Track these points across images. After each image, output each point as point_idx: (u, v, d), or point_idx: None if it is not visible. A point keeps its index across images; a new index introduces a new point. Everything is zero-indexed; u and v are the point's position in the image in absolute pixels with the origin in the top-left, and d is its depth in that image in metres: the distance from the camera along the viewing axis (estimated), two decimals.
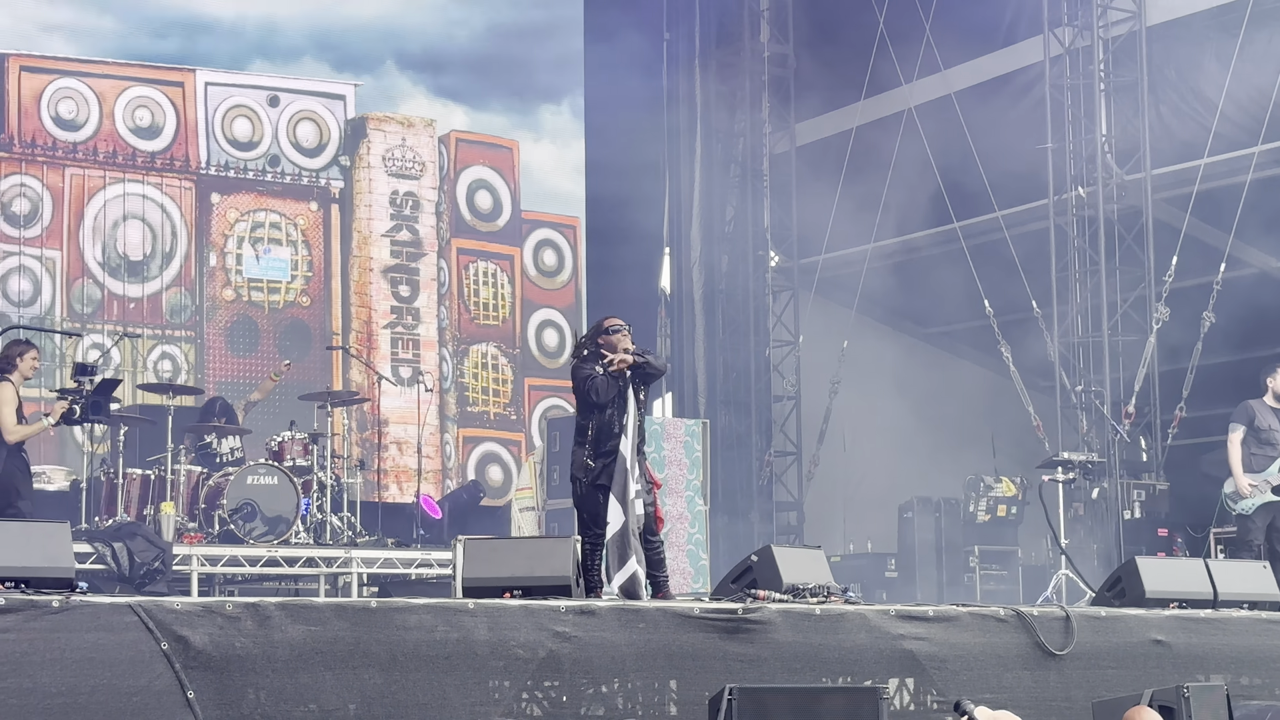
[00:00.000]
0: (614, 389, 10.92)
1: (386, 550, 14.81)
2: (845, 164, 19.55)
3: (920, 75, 19.12)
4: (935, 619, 9.74)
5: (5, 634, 7.49)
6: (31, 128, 17.37)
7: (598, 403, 10.96)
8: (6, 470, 11.97)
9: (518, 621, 8.75)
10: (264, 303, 18.45)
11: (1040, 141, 18.14)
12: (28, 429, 12.19)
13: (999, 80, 19.07)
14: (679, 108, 21.29)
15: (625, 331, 11.09)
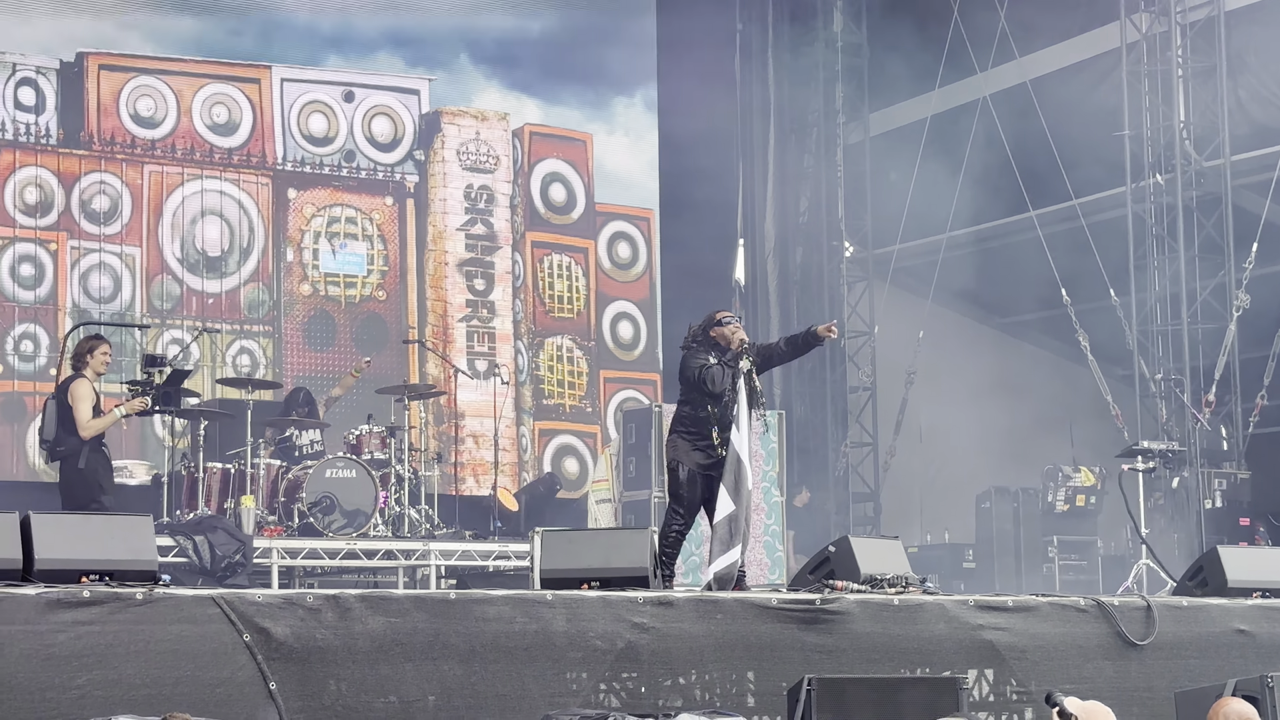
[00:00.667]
0: (728, 379, 10.95)
1: (464, 543, 14.86)
2: (920, 153, 19.46)
3: (995, 63, 19.01)
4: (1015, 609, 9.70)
5: (90, 626, 7.57)
6: (111, 126, 17.53)
7: (712, 392, 10.97)
8: (89, 465, 12.09)
9: (596, 613, 8.76)
10: (340, 297, 18.56)
11: (1118, 128, 18.00)
12: (101, 422, 12.31)
13: (1075, 67, 18.95)
14: (752, 98, 21.26)
15: (737, 323, 11.18)
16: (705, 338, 11.26)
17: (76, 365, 12.36)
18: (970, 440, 19.36)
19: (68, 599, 7.58)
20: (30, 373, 16.81)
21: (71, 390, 12.16)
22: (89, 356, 12.34)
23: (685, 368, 11.26)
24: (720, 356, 11.07)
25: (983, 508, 18.78)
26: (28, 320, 16.87)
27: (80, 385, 12.17)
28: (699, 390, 11.09)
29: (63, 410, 12.19)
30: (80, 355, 12.38)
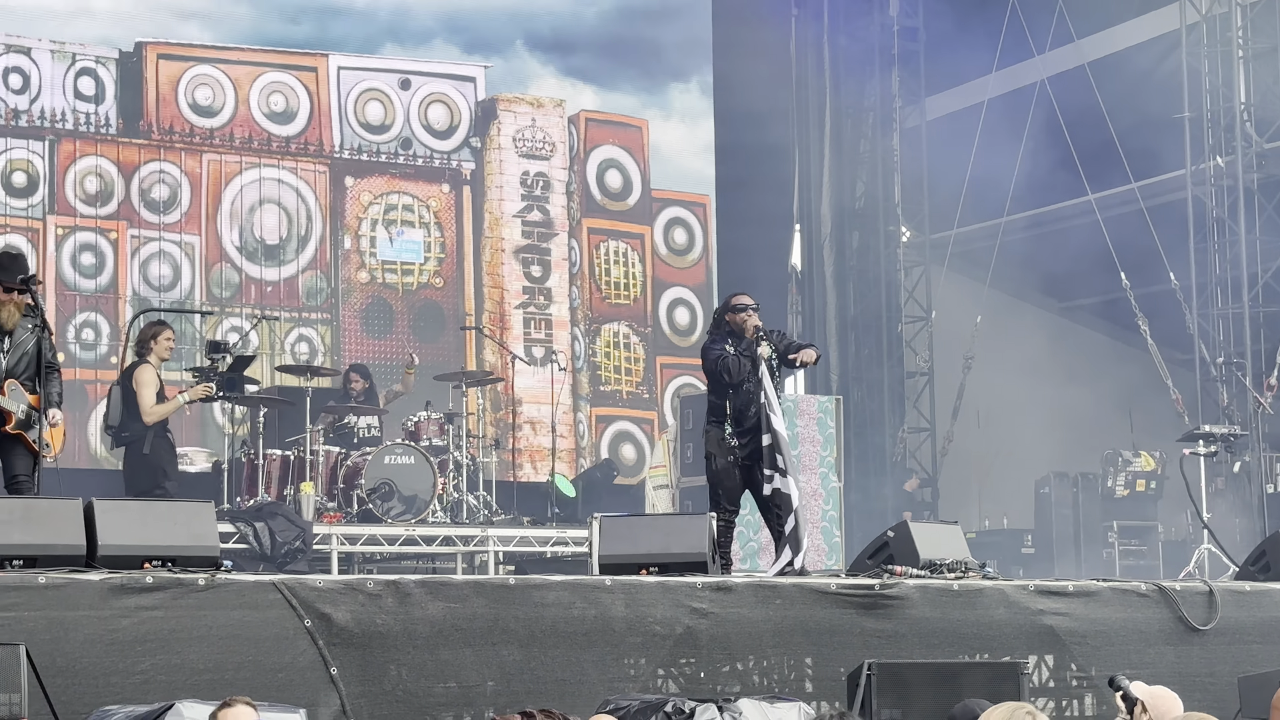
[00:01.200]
0: (745, 367, 10.90)
1: (522, 529, 14.90)
2: (977, 137, 19.36)
3: (1054, 45, 18.89)
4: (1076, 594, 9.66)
5: (154, 611, 7.63)
6: (169, 115, 17.63)
7: (730, 382, 10.95)
8: (154, 451, 12.17)
9: (655, 598, 8.78)
10: (398, 284, 18.61)
11: (1178, 110, 17.87)
12: (164, 408, 12.39)
13: (1135, 49, 18.82)
14: (808, 84, 21.20)
15: (751, 309, 11.06)
16: (722, 323, 11.18)
17: (140, 351, 12.45)
18: (1029, 425, 19.28)
19: (131, 584, 7.64)
20: (91, 361, 16.93)
21: (135, 376, 12.24)
22: (153, 342, 12.42)
23: (704, 359, 11.22)
24: (737, 344, 11.00)
25: (1042, 493, 18.70)
26: (89, 309, 16.99)
27: (144, 371, 12.25)
28: (719, 381, 11.05)
29: (127, 396, 12.28)
30: (144, 341, 12.46)
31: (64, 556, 7.89)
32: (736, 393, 10.99)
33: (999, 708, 4.61)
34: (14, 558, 7.78)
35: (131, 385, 12.25)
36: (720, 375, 10.99)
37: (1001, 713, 4.53)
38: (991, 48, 19.37)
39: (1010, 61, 19.43)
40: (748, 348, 10.93)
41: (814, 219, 21.10)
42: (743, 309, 11.07)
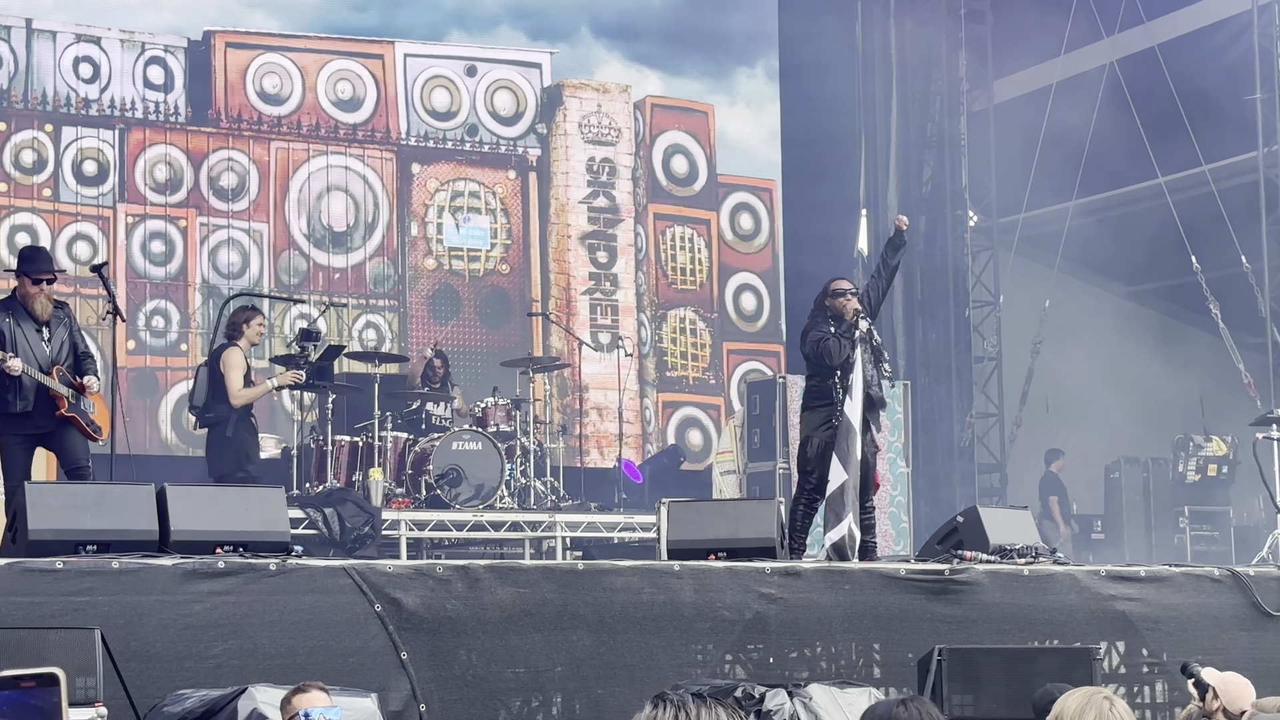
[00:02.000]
0: (846, 349, 10.96)
1: (589, 514, 14.92)
2: (1045, 120, 19.21)
3: (1122, 28, 18.73)
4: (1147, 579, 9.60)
5: (225, 596, 7.68)
6: (238, 103, 17.73)
7: (831, 364, 11.02)
8: (237, 434, 12.26)
9: (723, 583, 8.78)
10: (464, 271, 18.66)
11: (1249, 92, 17.68)
12: (252, 392, 12.48)
13: (1204, 30, 18.62)
14: (874, 68, 21.10)
15: (851, 294, 11.23)
16: (823, 308, 11.31)
17: (230, 334, 12.53)
18: (1098, 410, 19.15)
19: (203, 569, 7.70)
20: (161, 348, 17.06)
21: (224, 358, 12.32)
22: (244, 327, 12.51)
23: (803, 342, 11.34)
24: (838, 327, 11.11)
25: (1112, 478, 18.57)
26: (159, 296, 17.11)
27: (233, 354, 12.32)
28: (820, 363, 11.14)
29: (213, 378, 12.36)
30: (235, 325, 12.55)
31: (137, 542, 7.95)
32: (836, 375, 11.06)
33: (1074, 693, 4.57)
34: (88, 543, 7.85)
35: (219, 367, 12.31)
36: (822, 358, 11.07)
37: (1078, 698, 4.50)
38: (1060, 30, 19.21)
39: (1079, 44, 19.27)
40: (848, 330, 11.01)
41: (880, 204, 20.99)
42: (842, 293, 11.24)
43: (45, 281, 10.05)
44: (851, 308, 11.17)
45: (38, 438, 10.06)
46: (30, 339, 9.96)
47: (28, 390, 9.87)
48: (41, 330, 10.03)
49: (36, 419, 9.92)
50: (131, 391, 16.03)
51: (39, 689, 3.32)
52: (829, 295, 11.33)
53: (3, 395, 9.91)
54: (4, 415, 9.92)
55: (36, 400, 9.89)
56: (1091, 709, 4.45)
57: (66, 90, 16.98)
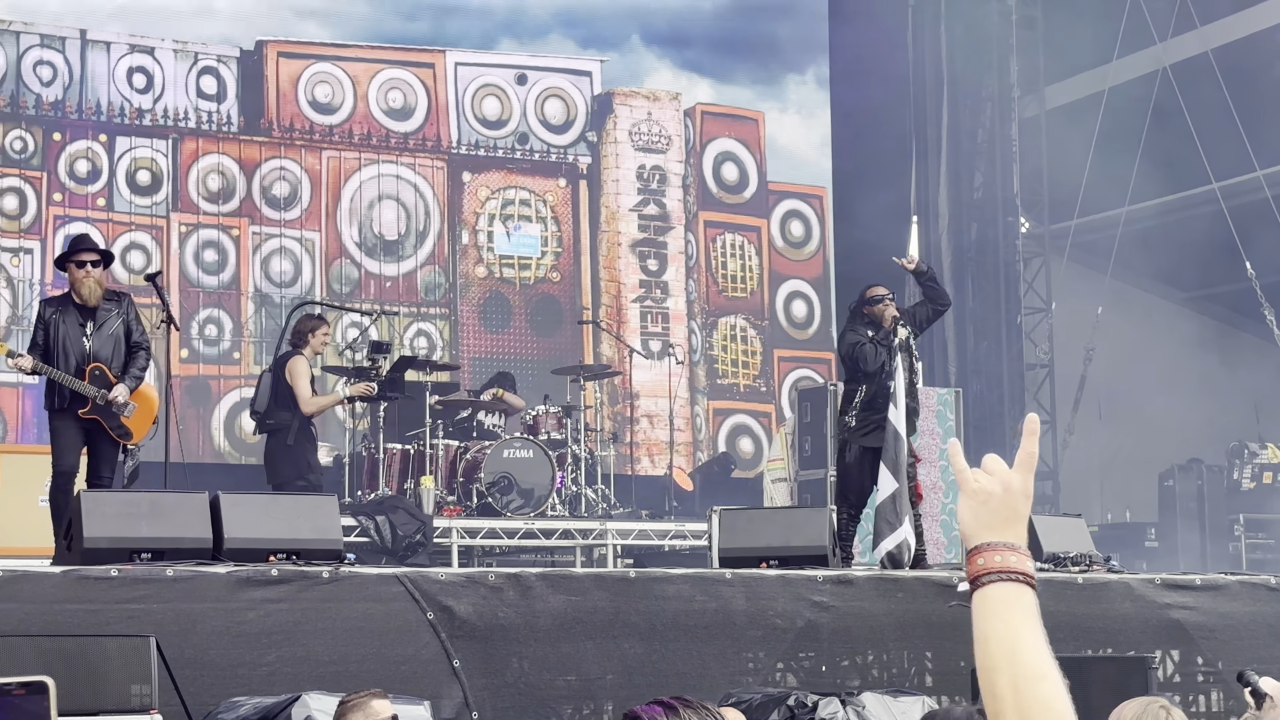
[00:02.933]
0: (882, 356, 10.95)
1: (640, 522, 14.92)
2: (1097, 126, 19.13)
3: (1175, 33, 18.63)
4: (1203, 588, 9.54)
5: (279, 604, 7.71)
6: (290, 112, 17.81)
7: (865, 370, 11.00)
8: (298, 442, 12.24)
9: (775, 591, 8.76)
10: (515, 279, 18.69)
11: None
12: (322, 400, 12.52)
13: (1259, 35, 18.51)
14: (925, 74, 21.04)
15: (888, 299, 11.20)
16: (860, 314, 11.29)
17: (296, 343, 12.54)
18: (1152, 417, 19.04)
19: (257, 577, 7.73)
20: (214, 356, 17.15)
21: (290, 366, 12.32)
22: (310, 335, 12.50)
23: (839, 345, 11.35)
24: (875, 333, 11.09)
25: (1166, 485, 18.45)
26: (211, 305, 17.20)
27: (298, 362, 12.33)
28: (855, 369, 11.13)
29: (277, 384, 12.37)
30: (301, 333, 12.55)
31: (191, 550, 7.99)
32: (871, 381, 11.03)
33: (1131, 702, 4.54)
34: (143, 551, 7.89)
35: (284, 375, 12.30)
36: (857, 363, 11.05)
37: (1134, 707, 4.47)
38: (1112, 35, 19.12)
39: (1131, 49, 19.18)
40: (885, 337, 10.99)
41: (931, 210, 20.93)
42: (879, 299, 11.22)
43: (90, 264, 10.07)
44: (889, 314, 11.13)
45: (82, 433, 10.10)
46: (71, 333, 9.99)
47: (63, 387, 9.95)
48: (86, 325, 10.04)
49: (75, 414, 9.99)
50: (185, 400, 16.12)
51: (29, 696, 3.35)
52: (866, 302, 11.32)
53: (49, 390, 10.09)
54: (50, 409, 10.10)
55: (72, 399, 9.96)
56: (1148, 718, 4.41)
57: (120, 100, 17.10)
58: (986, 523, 2.54)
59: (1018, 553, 2.49)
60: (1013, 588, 2.47)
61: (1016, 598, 2.47)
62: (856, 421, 11.08)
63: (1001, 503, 2.55)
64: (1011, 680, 2.39)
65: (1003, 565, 2.47)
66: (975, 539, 2.54)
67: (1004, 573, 2.47)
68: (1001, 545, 2.51)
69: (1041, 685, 2.38)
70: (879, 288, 11.41)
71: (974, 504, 2.54)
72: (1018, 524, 2.55)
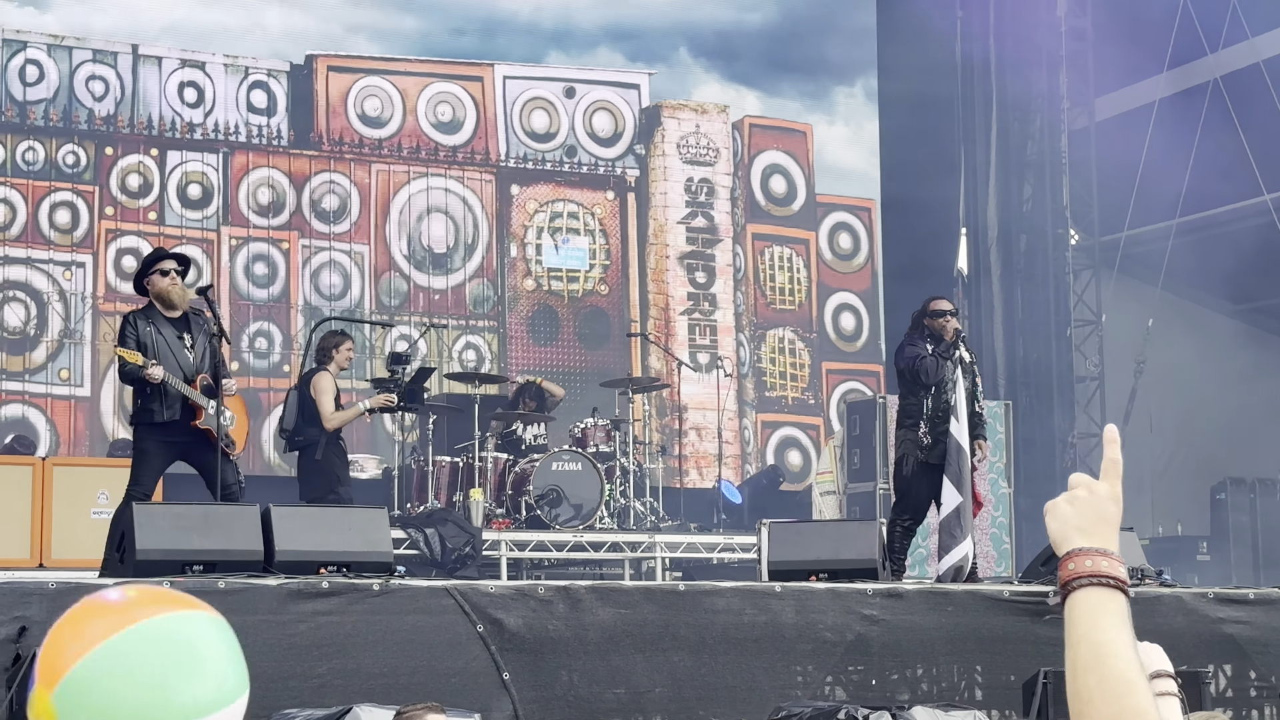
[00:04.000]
0: (943, 370, 10.93)
1: (689, 535, 14.91)
2: (1148, 137, 19.04)
3: (1226, 44, 18.53)
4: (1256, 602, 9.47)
5: (329, 616, 7.73)
6: (339, 126, 17.90)
7: (926, 383, 10.97)
8: (325, 457, 12.32)
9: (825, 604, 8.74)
10: (563, 292, 18.72)
11: None
12: (343, 415, 12.56)
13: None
14: (974, 86, 20.99)
15: (951, 314, 11.17)
16: (920, 327, 11.26)
17: (320, 359, 12.63)
18: (1203, 430, 18.92)
19: (307, 590, 7.76)
20: (265, 369, 17.23)
21: (314, 383, 12.42)
22: (334, 351, 12.60)
23: (898, 358, 11.30)
24: (936, 346, 11.06)
25: (1218, 499, 18.34)
26: (261, 318, 17.29)
27: (322, 378, 12.42)
28: (915, 381, 11.09)
29: (303, 401, 12.45)
30: (325, 350, 12.64)
31: (243, 562, 8.03)
32: (931, 395, 11.00)
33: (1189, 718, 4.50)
34: (194, 563, 7.93)
35: (309, 391, 12.41)
36: (918, 375, 11.02)
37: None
38: (1162, 47, 19.03)
39: (1181, 60, 19.08)
40: (947, 350, 10.97)
41: (980, 222, 20.87)
42: (942, 314, 11.16)
43: (174, 272, 10.14)
44: (951, 328, 11.12)
45: (179, 448, 10.12)
46: (173, 346, 10.00)
47: (173, 400, 9.91)
48: (183, 337, 10.08)
49: (179, 430, 10.00)
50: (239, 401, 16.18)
51: None
52: (928, 315, 11.27)
53: (147, 404, 9.96)
54: (148, 424, 10.00)
55: (182, 411, 9.97)
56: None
57: (172, 115, 17.21)
58: (1076, 525, 2.56)
59: (1109, 558, 2.51)
60: (1104, 592, 2.49)
61: (1107, 602, 2.48)
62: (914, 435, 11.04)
63: (1088, 504, 2.58)
64: (1100, 683, 2.40)
65: (1093, 570, 2.49)
66: (1067, 544, 2.56)
67: (1095, 576, 2.49)
68: (1093, 550, 2.53)
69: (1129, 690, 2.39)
70: (943, 301, 11.35)
71: (1062, 508, 2.57)
72: (1107, 528, 2.56)
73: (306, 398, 12.44)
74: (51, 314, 16.52)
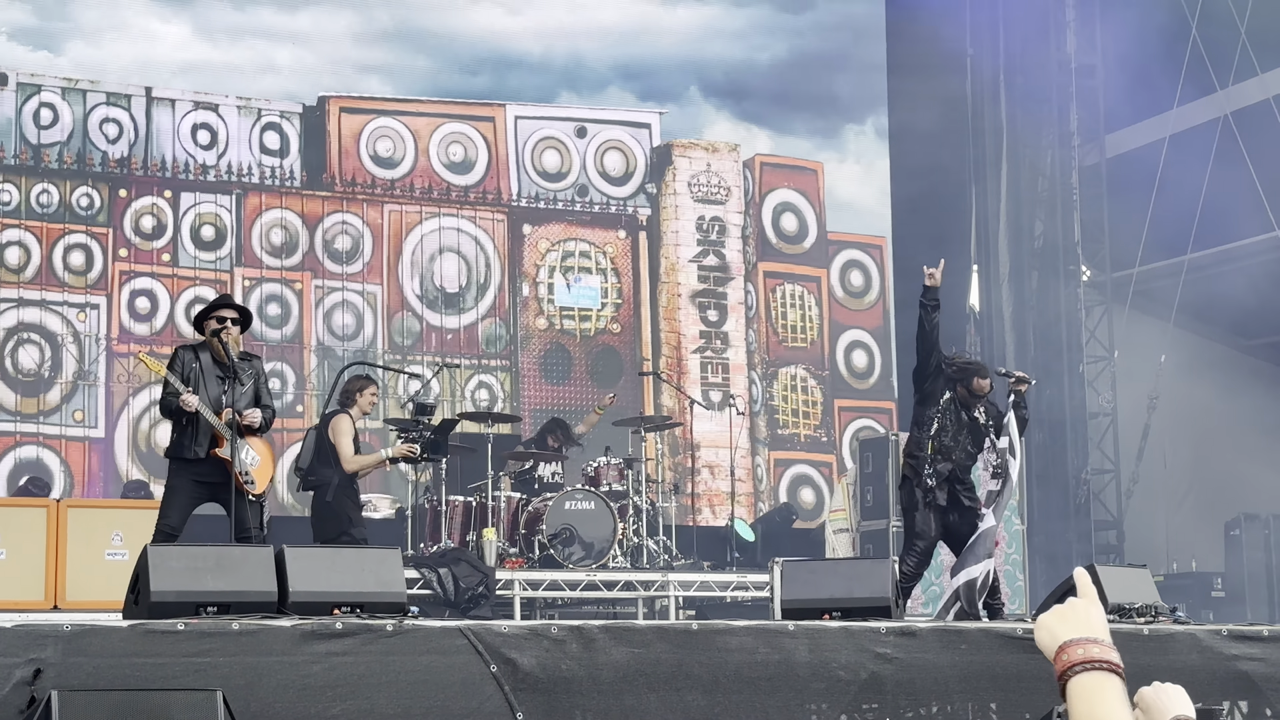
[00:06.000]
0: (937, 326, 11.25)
1: (702, 573, 14.90)
2: (1159, 174, 19.07)
3: (1236, 80, 18.57)
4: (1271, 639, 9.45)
5: (343, 657, 7.73)
6: (351, 167, 17.97)
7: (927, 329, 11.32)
8: (337, 498, 12.35)
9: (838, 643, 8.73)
10: (576, 330, 18.75)
11: None
12: (365, 460, 12.60)
13: None
14: (984, 123, 21.04)
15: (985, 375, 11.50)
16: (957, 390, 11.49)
17: (343, 402, 12.70)
18: (1217, 466, 18.89)
19: (321, 630, 7.76)
20: (278, 409, 17.19)
21: (333, 425, 12.47)
22: (357, 395, 12.67)
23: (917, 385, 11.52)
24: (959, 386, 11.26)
25: (1232, 535, 18.30)
26: (274, 359, 17.32)
27: (342, 420, 12.48)
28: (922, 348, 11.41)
29: (321, 442, 12.51)
30: (348, 393, 12.71)
31: (256, 603, 8.03)
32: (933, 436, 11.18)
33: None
34: (209, 604, 7.94)
35: (328, 432, 12.47)
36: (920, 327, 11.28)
37: None
38: (1172, 83, 19.08)
39: (1192, 96, 19.13)
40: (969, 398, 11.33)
41: (992, 259, 20.90)
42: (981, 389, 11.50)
43: (230, 321, 10.27)
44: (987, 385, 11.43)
45: (210, 489, 10.21)
46: (209, 383, 10.14)
47: (203, 435, 10.08)
48: (224, 380, 10.22)
49: (207, 467, 10.09)
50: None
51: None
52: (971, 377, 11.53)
53: (180, 439, 10.18)
54: (179, 459, 10.14)
55: (210, 444, 10.08)
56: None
57: (185, 157, 17.29)
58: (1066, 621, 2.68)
59: (1100, 644, 2.62)
60: (1100, 676, 2.59)
61: (1104, 682, 2.58)
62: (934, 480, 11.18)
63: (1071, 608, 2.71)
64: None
65: (1085, 657, 2.61)
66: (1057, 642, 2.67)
67: (1088, 663, 2.59)
68: (1084, 640, 2.64)
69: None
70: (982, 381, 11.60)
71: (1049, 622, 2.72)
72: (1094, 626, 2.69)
73: (325, 439, 12.48)
74: (66, 356, 16.57)
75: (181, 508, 10.16)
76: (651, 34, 19.56)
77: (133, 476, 16.30)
